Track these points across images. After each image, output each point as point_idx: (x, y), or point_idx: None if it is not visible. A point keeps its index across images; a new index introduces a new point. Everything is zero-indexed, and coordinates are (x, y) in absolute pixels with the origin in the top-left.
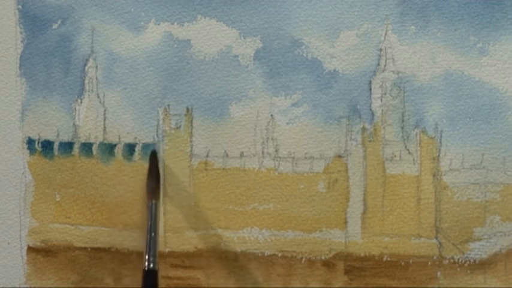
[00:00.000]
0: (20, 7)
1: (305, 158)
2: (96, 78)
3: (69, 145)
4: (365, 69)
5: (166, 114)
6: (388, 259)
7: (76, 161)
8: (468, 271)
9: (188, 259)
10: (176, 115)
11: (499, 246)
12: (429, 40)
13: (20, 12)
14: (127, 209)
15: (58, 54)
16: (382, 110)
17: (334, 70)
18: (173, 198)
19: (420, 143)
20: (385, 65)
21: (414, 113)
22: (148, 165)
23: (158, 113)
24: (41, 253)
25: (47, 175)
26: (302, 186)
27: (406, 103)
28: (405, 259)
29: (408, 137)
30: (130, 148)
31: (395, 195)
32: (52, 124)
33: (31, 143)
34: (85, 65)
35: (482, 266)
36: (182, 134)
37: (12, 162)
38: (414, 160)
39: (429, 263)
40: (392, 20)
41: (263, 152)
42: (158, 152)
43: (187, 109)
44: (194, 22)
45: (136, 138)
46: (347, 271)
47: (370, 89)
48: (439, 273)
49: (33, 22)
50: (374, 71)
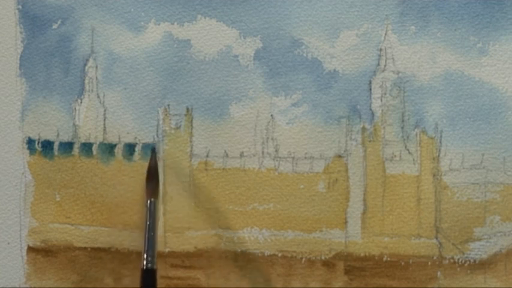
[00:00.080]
0: (20, 7)
1: (305, 158)
2: (96, 78)
3: (69, 145)
4: (365, 69)
5: (166, 114)
6: (388, 259)
7: (76, 161)
8: (468, 271)
9: (188, 259)
10: (176, 115)
11: (499, 246)
12: (429, 40)
13: (20, 12)
14: (127, 209)
15: (58, 54)
16: (382, 110)
17: (334, 70)
18: (173, 198)
19: (420, 143)
20: (385, 65)
21: (414, 113)
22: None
23: (158, 113)
24: (41, 253)
25: (47, 175)
26: (302, 186)
27: (406, 103)
28: (405, 259)
29: (408, 137)
30: (130, 148)
31: (395, 195)
32: (52, 124)
33: (31, 143)
34: (85, 65)
35: (482, 266)
36: (182, 134)
37: (12, 162)
38: (414, 160)
39: (429, 263)
40: (392, 20)
41: (263, 152)
42: (158, 152)
43: (187, 109)
44: (194, 22)
45: (136, 138)
46: (347, 271)
47: (370, 89)
48: (439, 273)
49: (33, 22)
50: (374, 71)
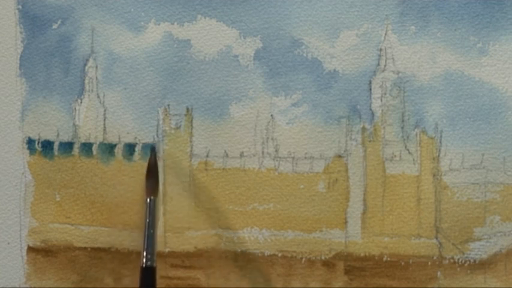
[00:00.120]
0: (20, 7)
1: (305, 158)
2: (96, 78)
3: (69, 145)
4: (365, 69)
5: (166, 114)
6: (388, 259)
7: (76, 161)
8: (468, 271)
9: (188, 259)
10: (176, 115)
11: (499, 246)
12: (429, 40)
13: (20, 12)
14: (127, 209)
15: (58, 54)
16: (382, 110)
17: (334, 70)
18: (173, 198)
19: (420, 143)
20: (385, 65)
21: (414, 113)
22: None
23: (158, 113)
24: (41, 253)
25: (47, 175)
26: (302, 186)
27: (406, 103)
28: (405, 259)
29: (408, 137)
30: (130, 148)
31: (395, 195)
32: (52, 124)
33: (31, 143)
34: (85, 65)
35: (482, 266)
36: (182, 134)
37: (12, 162)
38: (414, 160)
39: (429, 263)
40: (392, 20)
41: (263, 152)
42: (158, 152)
43: (187, 109)
44: (194, 22)
45: (136, 138)
46: (347, 271)
47: (370, 89)
48: (439, 273)
49: (33, 22)
50: (374, 71)
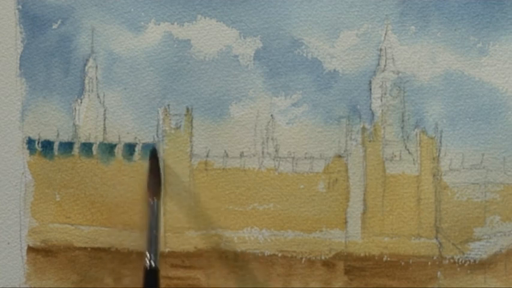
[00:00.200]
0: (20, 7)
1: (305, 158)
2: (96, 78)
3: (69, 145)
4: (365, 69)
5: (166, 114)
6: (388, 259)
7: (76, 161)
8: (468, 271)
9: (188, 259)
10: (176, 115)
11: (499, 246)
12: (429, 40)
13: (20, 12)
14: (127, 209)
15: (58, 54)
16: (382, 110)
17: (334, 70)
18: (173, 198)
19: (420, 143)
20: (385, 65)
21: (414, 113)
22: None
23: (158, 113)
24: (41, 253)
25: (47, 175)
26: (302, 186)
27: (406, 103)
28: (405, 259)
29: (408, 137)
30: (130, 148)
31: (395, 195)
32: (52, 124)
33: (31, 143)
34: (85, 65)
35: (482, 266)
36: (182, 134)
37: (12, 162)
38: (414, 160)
39: (429, 263)
40: (392, 20)
41: (263, 152)
42: (158, 152)
43: (187, 109)
44: (194, 22)
45: (136, 138)
46: (347, 271)
47: (370, 89)
48: (439, 273)
49: (33, 22)
50: (374, 71)
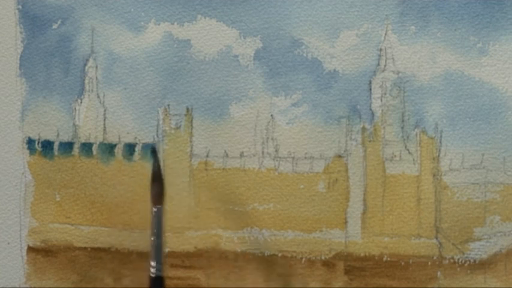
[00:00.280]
0: (20, 7)
1: (305, 158)
2: (96, 78)
3: (69, 145)
4: (365, 69)
5: (166, 114)
6: (388, 259)
7: (76, 161)
8: (468, 271)
9: (188, 259)
10: (176, 115)
11: (499, 246)
12: (429, 40)
13: (20, 12)
14: (127, 209)
15: (58, 54)
16: (382, 110)
17: (334, 70)
18: (173, 198)
19: (420, 143)
20: (385, 65)
21: (414, 113)
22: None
23: (158, 113)
24: (41, 253)
25: (47, 175)
26: (302, 186)
27: (406, 103)
28: (405, 259)
29: (408, 137)
30: (130, 148)
31: (395, 195)
32: (52, 124)
33: (31, 143)
34: (85, 65)
35: (482, 266)
36: (182, 134)
37: (12, 162)
38: (414, 160)
39: (429, 263)
40: (392, 20)
41: (263, 152)
42: (158, 152)
43: (187, 109)
44: (194, 22)
45: (136, 138)
46: (347, 271)
47: (370, 89)
48: (439, 273)
49: (33, 22)
50: (374, 71)
